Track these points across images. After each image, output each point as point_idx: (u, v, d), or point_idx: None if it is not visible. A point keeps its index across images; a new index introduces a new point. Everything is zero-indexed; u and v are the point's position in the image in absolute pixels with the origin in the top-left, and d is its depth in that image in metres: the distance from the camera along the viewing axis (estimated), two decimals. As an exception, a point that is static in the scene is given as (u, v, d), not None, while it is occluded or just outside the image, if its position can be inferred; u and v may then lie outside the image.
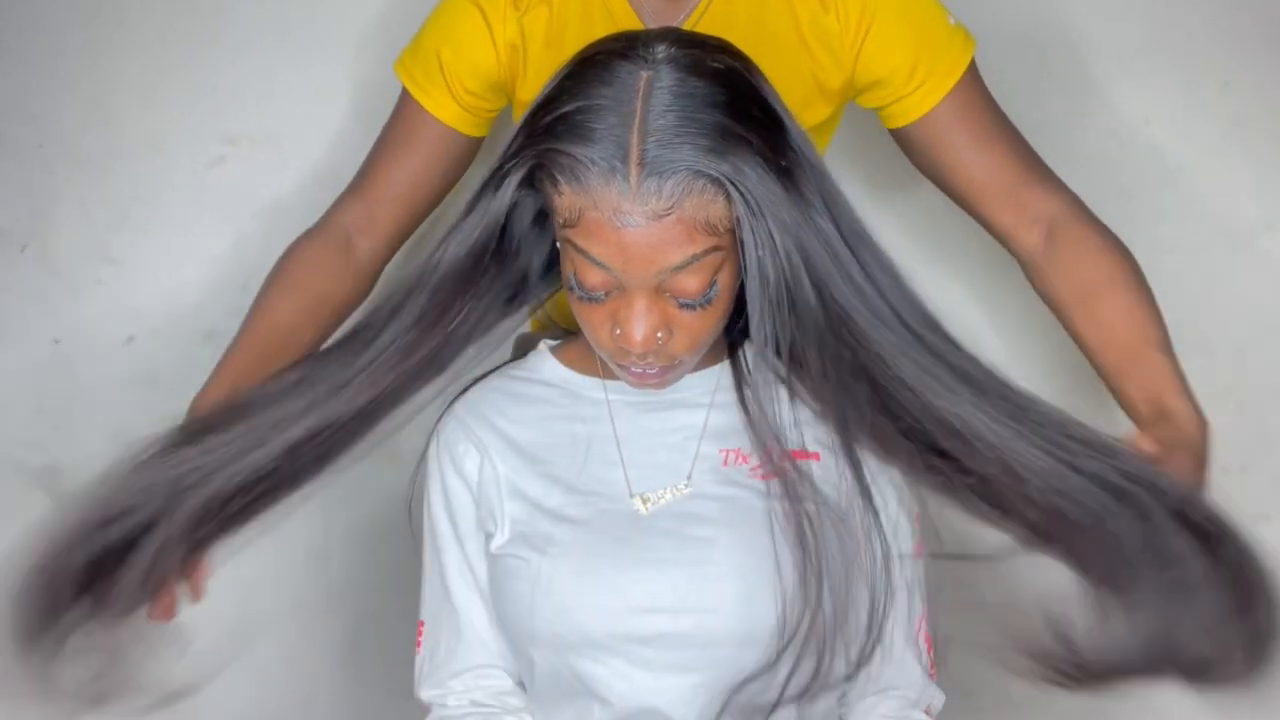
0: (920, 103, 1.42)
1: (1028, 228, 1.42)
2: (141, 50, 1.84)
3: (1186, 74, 1.80)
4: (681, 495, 1.20)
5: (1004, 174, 1.42)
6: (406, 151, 1.47)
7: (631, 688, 1.18)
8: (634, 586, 1.17)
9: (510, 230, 1.12)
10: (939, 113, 1.42)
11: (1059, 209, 1.42)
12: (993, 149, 1.43)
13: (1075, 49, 1.79)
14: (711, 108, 1.01)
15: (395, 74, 1.48)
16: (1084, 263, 1.39)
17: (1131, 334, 1.34)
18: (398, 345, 1.13)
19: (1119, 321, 1.36)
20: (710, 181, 1.00)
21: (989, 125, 1.44)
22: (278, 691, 2.01)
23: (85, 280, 1.89)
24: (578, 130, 1.01)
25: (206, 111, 1.85)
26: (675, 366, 1.13)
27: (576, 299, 1.09)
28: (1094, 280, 1.38)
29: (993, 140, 1.43)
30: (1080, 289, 1.39)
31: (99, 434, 1.86)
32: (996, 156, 1.43)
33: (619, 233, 1.01)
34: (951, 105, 1.42)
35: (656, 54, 1.03)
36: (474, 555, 1.25)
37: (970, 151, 1.43)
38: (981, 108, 1.44)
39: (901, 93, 1.42)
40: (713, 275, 1.05)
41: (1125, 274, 1.38)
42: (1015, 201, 1.42)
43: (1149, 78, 1.80)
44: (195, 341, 1.88)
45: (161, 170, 1.86)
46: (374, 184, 1.47)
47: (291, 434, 1.13)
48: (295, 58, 1.84)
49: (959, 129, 1.42)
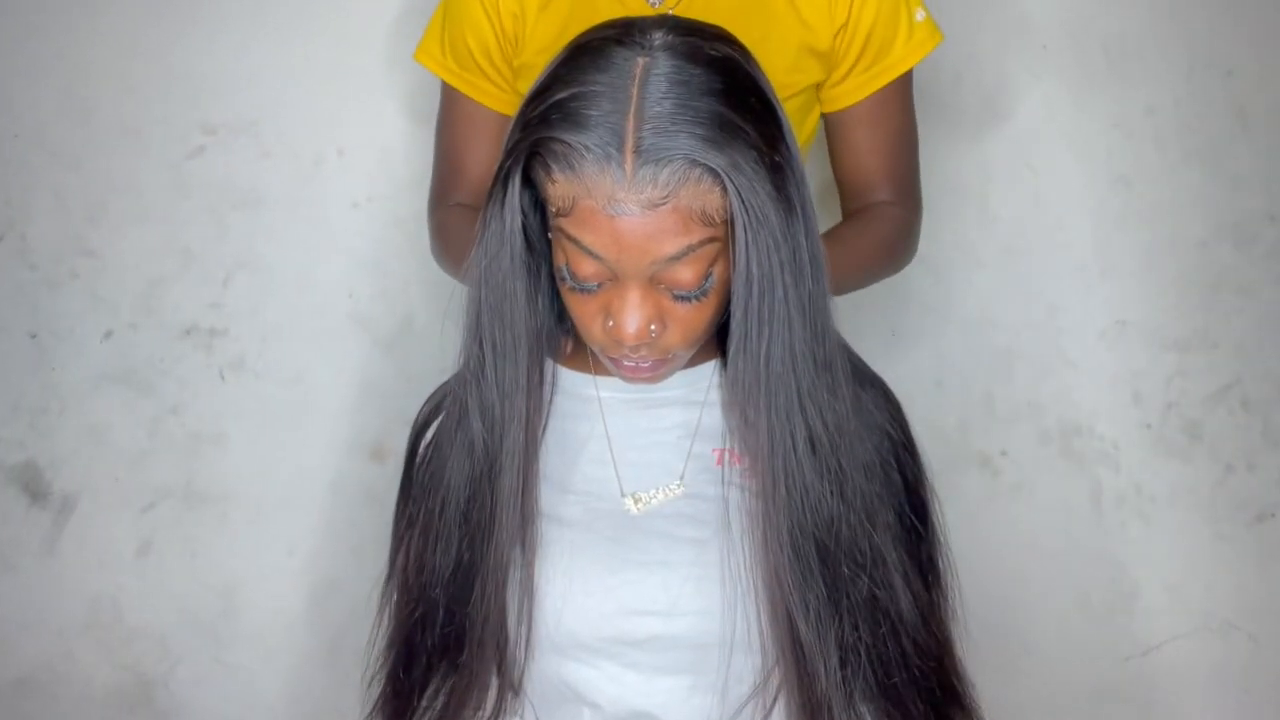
0: (855, 91, 1.48)
1: (857, 207, 1.54)
2: (118, 37, 1.82)
3: (1189, 63, 1.79)
4: (674, 495, 1.18)
5: (877, 171, 1.51)
6: (477, 141, 1.51)
7: (623, 691, 1.17)
8: (625, 588, 1.15)
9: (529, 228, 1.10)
10: (863, 106, 1.48)
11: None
12: (883, 154, 1.52)
13: (1079, 39, 1.78)
14: (709, 96, 0.99)
15: (424, 66, 1.51)
16: (865, 210, 1.52)
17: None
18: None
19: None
20: (707, 172, 0.97)
21: (896, 134, 1.51)
22: (259, 692, 2.01)
23: (62, 274, 1.88)
24: (572, 117, 0.99)
25: (185, 100, 1.84)
26: (668, 361, 1.10)
27: (569, 290, 1.07)
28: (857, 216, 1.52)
29: (890, 149, 1.52)
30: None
31: (76, 431, 1.91)
32: (883, 159, 1.51)
33: (613, 221, 0.99)
34: (877, 102, 1.48)
35: (653, 41, 1.01)
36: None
37: (866, 148, 1.51)
38: (902, 111, 1.51)
39: (851, 70, 1.47)
40: (708, 267, 1.03)
41: (865, 229, 1.49)
42: (867, 190, 1.52)
43: (1151, 67, 1.79)
44: (175, 337, 1.89)
45: (139, 161, 1.85)
46: (463, 175, 1.51)
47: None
48: (275, 44, 1.82)
49: (869, 128, 1.50)
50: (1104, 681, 2.00)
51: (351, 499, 1.91)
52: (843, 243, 1.46)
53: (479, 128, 1.50)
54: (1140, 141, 1.80)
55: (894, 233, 1.53)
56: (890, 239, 1.53)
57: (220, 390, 1.91)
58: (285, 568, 1.97)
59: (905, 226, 1.54)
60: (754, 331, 1.04)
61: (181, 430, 1.92)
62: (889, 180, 1.53)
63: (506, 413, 1.11)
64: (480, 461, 1.13)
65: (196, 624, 1.98)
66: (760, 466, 1.09)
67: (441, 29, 1.50)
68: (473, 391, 1.13)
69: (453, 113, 1.52)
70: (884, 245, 1.52)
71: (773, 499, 1.09)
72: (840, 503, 1.10)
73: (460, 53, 1.47)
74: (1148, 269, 1.83)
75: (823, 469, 1.09)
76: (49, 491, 1.93)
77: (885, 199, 1.52)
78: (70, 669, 1.98)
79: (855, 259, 1.46)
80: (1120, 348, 1.88)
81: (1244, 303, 1.86)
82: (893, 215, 1.53)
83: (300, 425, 1.93)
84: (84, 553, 1.95)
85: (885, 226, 1.52)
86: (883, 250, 1.52)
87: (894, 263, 1.55)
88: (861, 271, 1.49)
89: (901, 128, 1.53)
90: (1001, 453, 1.94)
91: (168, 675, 1.99)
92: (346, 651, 1.97)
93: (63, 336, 1.89)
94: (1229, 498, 1.92)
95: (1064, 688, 2.00)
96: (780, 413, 1.07)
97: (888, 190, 1.53)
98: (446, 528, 1.17)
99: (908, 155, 1.55)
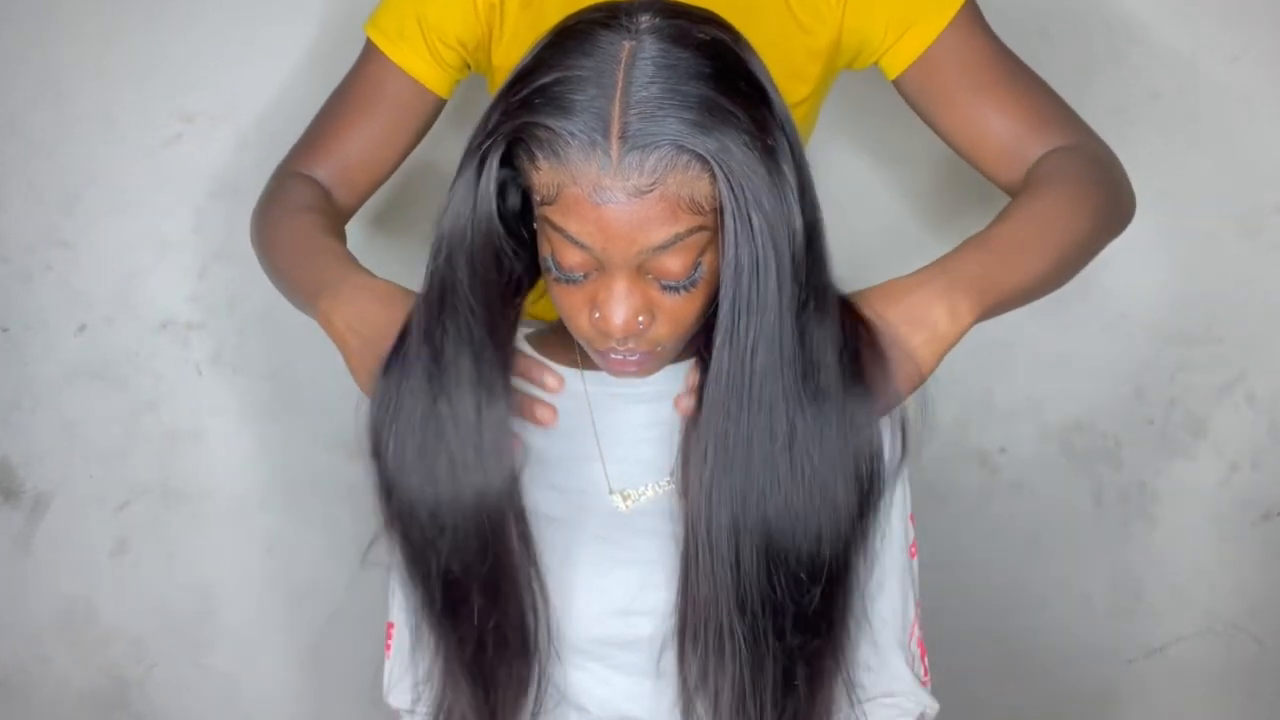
0: (908, 49, 1.37)
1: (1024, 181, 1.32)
2: (92, 22, 1.79)
3: (1194, 47, 1.77)
4: (664, 492, 1.17)
5: (1003, 122, 1.34)
6: (373, 110, 1.43)
7: (611, 694, 1.18)
8: (615, 588, 1.15)
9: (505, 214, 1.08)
10: (930, 59, 1.36)
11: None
12: (990, 96, 1.35)
13: (1079, 21, 1.77)
14: (697, 80, 0.97)
15: (365, 33, 1.44)
16: (1031, 173, 1.30)
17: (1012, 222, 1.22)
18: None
19: (1016, 207, 1.24)
20: (695, 158, 0.96)
21: (987, 69, 1.36)
22: (238, 695, 2.02)
23: (35, 266, 1.86)
24: (556, 102, 0.98)
25: (161, 87, 1.81)
26: (657, 354, 1.10)
27: (554, 281, 1.06)
28: (1025, 184, 1.28)
29: (990, 85, 1.35)
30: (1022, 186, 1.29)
31: (50, 426, 1.90)
32: (995, 104, 1.34)
33: (599, 210, 0.98)
34: (943, 49, 1.35)
35: (640, 24, 1.00)
36: None
37: (966, 99, 1.35)
38: (979, 50, 1.36)
39: (889, 42, 1.37)
40: (697, 256, 1.02)
41: (1055, 181, 1.26)
42: (1014, 155, 1.34)
43: (1155, 51, 1.77)
44: (150, 330, 1.88)
45: (115, 149, 1.82)
46: (338, 143, 1.43)
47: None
48: (254, 30, 1.79)
49: (952, 75, 1.36)
50: (1106, 684, 2.00)
51: (332, 497, 1.90)
52: (1033, 219, 1.21)
53: (384, 93, 1.43)
54: (1143, 129, 1.78)
55: (1088, 174, 1.28)
56: (1087, 183, 1.27)
57: (197, 385, 1.89)
58: (264, 567, 1.97)
59: (1095, 158, 1.31)
60: (740, 323, 1.01)
61: (158, 426, 1.91)
62: (1031, 118, 1.33)
63: (467, 409, 1.08)
64: (446, 480, 1.10)
65: (173, 625, 1.98)
66: (731, 462, 1.06)
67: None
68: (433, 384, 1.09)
69: (360, 74, 1.45)
70: (1083, 197, 1.25)
71: (741, 498, 1.06)
72: (807, 504, 1.08)
73: (405, 20, 1.40)
74: (1151, 260, 1.81)
75: (798, 471, 1.06)
76: (21, 489, 1.91)
77: (1045, 145, 1.31)
78: (44, 672, 1.98)
79: (1056, 232, 1.21)
80: (1122, 341, 1.87)
81: (1250, 295, 1.84)
82: (1071, 156, 1.30)
83: (279, 421, 1.91)
84: (58, 552, 1.94)
85: (1072, 173, 1.27)
86: (1072, 202, 1.24)
87: (1116, 212, 1.29)
88: (1073, 244, 1.23)
89: (999, 60, 1.36)
90: (1000, 450, 1.93)
91: (144, 678, 1.99)
92: (327, 653, 2.00)
93: (35, 330, 1.87)
94: (1234, 496, 1.91)
95: (1065, 691, 2.01)
96: (763, 409, 1.04)
97: (1040, 131, 1.32)
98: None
99: (1031, 86, 1.36)
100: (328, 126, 1.45)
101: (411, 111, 1.44)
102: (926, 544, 1.27)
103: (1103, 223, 1.27)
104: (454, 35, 1.39)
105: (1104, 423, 1.91)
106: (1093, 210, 1.25)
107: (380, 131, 1.43)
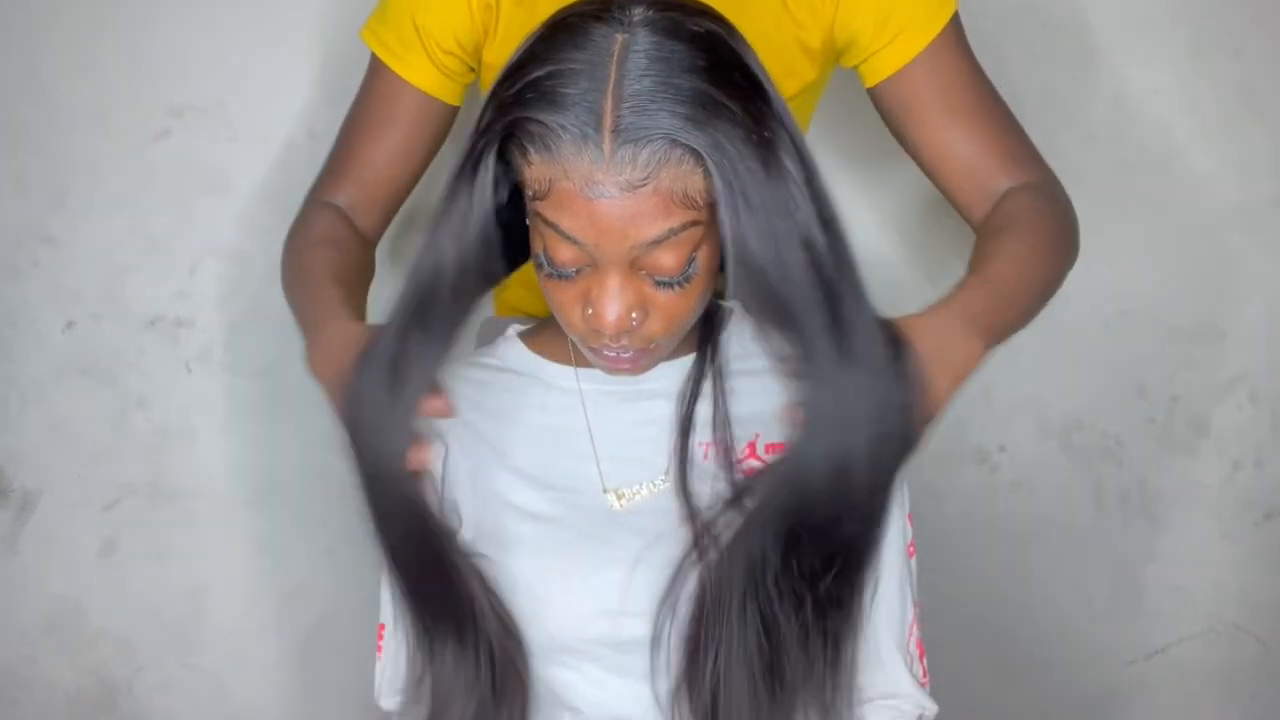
0: (891, 59, 1.37)
1: (982, 209, 1.35)
2: (80, 16, 1.79)
3: (1196, 42, 1.77)
4: (658, 491, 1.17)
5: (971, 148, 1.35)
6: (388, 127, 1.44)
7: (604, 695, 1.17)
8: (608, 588, 1.14)
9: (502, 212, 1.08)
10: (910, 72, 1.37)
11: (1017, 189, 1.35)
12: (962, 120, 1.36)
13: (1080, 16, 1.76)
14: (690, 73, 0.97)
15: (365, 43, 1.44)
16: (1000, 208, 1.32)
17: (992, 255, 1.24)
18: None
19: (989, 248, 1.26)
20: (688, 152, 0.96)
21: (963, 92, 1.37)
22: (228, 697, 2.01)
23: (22, 262, 1.85)
24: (548, 96, 0.97)
25: (150, 81, 1.80)
26: (651, 351, 1.10)
27: (546, 277, 1.06)
28: (998, 220, 1.31)
29: (965, 110, 1.37)
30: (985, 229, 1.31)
31: (37, 425, 1.90)
32: (965, 129, 1.36)
33: (591, 204, 0.98)
34: (924, 65, 1.36)
35: (633, 16, 1.00)
36: None
37: (938, 119, 1.37)
38: (957, 71, 1.38)
39: (874, 47, 1.37)
40: (691, 251, 1.02)
41: (1032, 223, 1.28)
42: (976, 182, 1.35)
43: (1157, 46, 1.78)
44: (139, 327, 1.87)
45: (102, 144, 1.82)
46: (359, 164, 1.44)
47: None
48: (243, 23, 1.79)
49: (929, 93, 1.37)
50: (1107, 685, 2.00)
51: (323, 496, 1.89)
52: (1026, 262, 1.24)
53: (396, 109, 1.43)
54: (1144, 123, 1.77)
55: (1055, 217, 1.32)
56: (1056, 228, 1.31)
57: (187, 383, 1.89)
58: (255, 568, 1.97)
59: (1057, 199, 1.34)
60: (766, 314, 1.01)
61: (147, 425, 1.90)
62: (998, 150, 1.36)
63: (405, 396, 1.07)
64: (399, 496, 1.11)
65: (163, 626, 1.97)
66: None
67: (385, 4, 1.43)
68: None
69: (372, 91, 1.45)
70: (1056, 242, 1.30)
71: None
72: (835, 494, 1.05)
73: (404, 30, 1.40)
74: (1152, 256, 1.81)
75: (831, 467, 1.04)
76: (9, 489, 1.91)
77: (1010, 179, 1.34)
78: (31, 674, 1.97)
79: (1041, 274, 1.25)
80: (1124, 338, 1.87)
81: (1253, 291, 1.84)
82: (1039, 197, 1.33)
83: (270, 419, 1.91)
84: (45, 552, 1.93)
85: (1046, 215, 1.31)
86: (1048, 246, 1.28)
87: (1073, 255, 1.33)
88: (1051, 284, 1.27)
89: (974, 84, 1.38)
90: (1000, 448, 1.93)
91: (133, 680, 1.98)
92: (317, 654, 2.00)
93: (22, 327, 1.87)
94: (1236, 495, 1.91)
95: (1066, 691, 2.00)
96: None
97: (1005, 164, 1.35)
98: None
99: (1000, 116, 1.38)
100: (347, 150, 1.45)
101: (425, 124, 1.44)
102: (925, 543, 1.26)
103: (1066, 265, 1.30)
104: (452, 39, 1.39)
105: (1105, 421, 1.91)
106: (1064, 253, 1.30)
107: (397, 148, 1.44)
